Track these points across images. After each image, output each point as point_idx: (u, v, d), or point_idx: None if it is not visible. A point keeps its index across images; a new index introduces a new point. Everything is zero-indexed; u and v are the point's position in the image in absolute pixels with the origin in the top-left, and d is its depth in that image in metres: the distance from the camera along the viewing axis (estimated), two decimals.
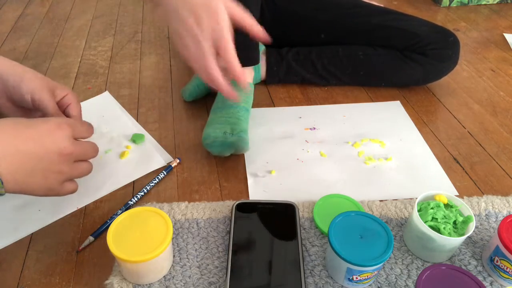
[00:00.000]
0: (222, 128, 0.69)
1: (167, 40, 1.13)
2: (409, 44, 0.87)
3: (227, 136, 0.68)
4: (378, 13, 0.92)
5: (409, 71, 0.89)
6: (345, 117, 0.84)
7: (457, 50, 0.88)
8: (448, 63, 0.89)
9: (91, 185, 0.67)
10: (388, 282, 0.53)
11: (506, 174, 0.71)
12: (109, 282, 0.53)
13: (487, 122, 0.83)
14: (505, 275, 0.52)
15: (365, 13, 0.92)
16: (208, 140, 0.69)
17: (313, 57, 0.90)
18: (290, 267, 0.52)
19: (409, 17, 0.92)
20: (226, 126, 0.70)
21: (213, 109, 0.75)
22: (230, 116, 0.71)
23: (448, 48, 0.87)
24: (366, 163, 0.72)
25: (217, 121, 0.71)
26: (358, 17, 0.91)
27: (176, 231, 0.59)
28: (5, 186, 0.46)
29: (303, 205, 0.63)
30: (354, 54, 0.90)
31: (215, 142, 0.69)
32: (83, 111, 0.64)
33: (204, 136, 0.71)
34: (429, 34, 0.87)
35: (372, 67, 0.90)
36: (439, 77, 0.92)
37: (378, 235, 0.51)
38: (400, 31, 0.88)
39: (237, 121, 0.71)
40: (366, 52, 0.89)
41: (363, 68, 0.90)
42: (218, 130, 0.69)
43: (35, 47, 1.11)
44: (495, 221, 0.61)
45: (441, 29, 0.89)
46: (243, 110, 0.73)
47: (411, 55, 0.87)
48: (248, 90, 0.78)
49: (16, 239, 0.59)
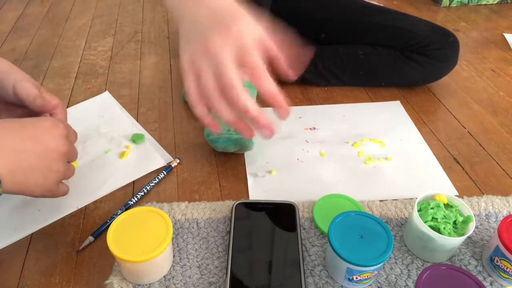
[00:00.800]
0: (225, 126, 0.68)
1: (167, 40, 1.13)
2: (409, 44, 0.87)
3: (232, 133, 0.67)
4: (379, 12, 0.92)
5: (409, 71, 0.89)
6: (345, 117, 0.84)
7: (456, 51, 0.88)
8: (448, 63, 0.89)
9: (91, 185, 0.67)
10: (388, 282, 0.53)
11: (506, 174, 0.71)
12: (109, 282, 0.53)
13: (487, 122, 0.83)
14: (505, 275, 0.52)
15: (365, 12, 0.92)
16: (212, 135, 0.68)
17: (313, 56, 0.90)
18: (290, 267, 0.52)
19: (409, 17, 0.92)
20: None
21: None
22: None
23: (448, 48, 0.87)
24: (366, 163, 0.72)
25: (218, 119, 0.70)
26: (359, 16, 0.91)
27: (176, 231, 0.59)
28: (3, 186, 0.46)
29: (303, 205, 0.63)
30: (354, 53, 0.90)
31: (219, 138, 0.68)
32: (83, 111, 0.64)
33: (206, 130, 0.70)
34: (429, 34, 0.87)
35: (372, 67, 0.90)
36: (438, 78, 0.92)
37: (378, 235, 0.51)
38: (401, 30, 0.88)
39: None
40: (366, 52, 0.89)
41: (363, 68, 0.90)
42: (222, 125, 0.68)
43: (35, 47, 1.11)
44: (495, 221, 0.61)
45: (441, 29, 0.89)
46: None
47: (411, 55, 0.87)
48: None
49: (16, 239, 0.59)
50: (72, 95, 0.91)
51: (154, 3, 1.36)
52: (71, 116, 0.63)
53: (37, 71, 1.00)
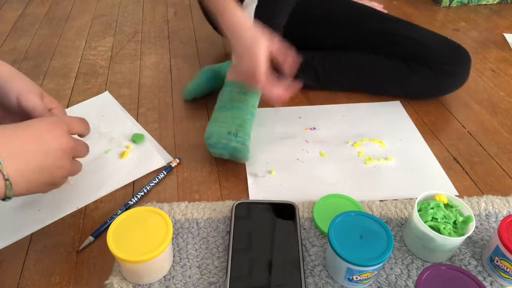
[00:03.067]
0: (227, 128, 0.69)
1: (167, 40, 1.14)
2: (417, 55, 0.83)
3: (231, 138, 0.67)
4: (389, 20, 0.89)
5: (411, 84, 0.85)
6: (345, 117, 0.84)
7: (467, 68, 0.84)
8: (455, 80, 0.85)
9: (91, 185, 0.67)
10: (388, 282, 0.53)
11: (506, 174, 0.71)
12: (109, 282, 0.53)
13: (487, 122, 0.83)
14: (505, 275, 0.52)
15: (375, 19, 0.89)
16: (211, 140, 0.69)
17: (315, 63, 0.89)
18: (290, 267, 0.52)
19: (420, 28, 0.88)
20: (232, 126, 0.69)
21: (218, 107, 0.74)
22: (236, 117, 0.70)
23: (458, 65, 0.83)
24: (366, 163, 0.72)
25: (222, 120, 0.70)
26: (368, 23, 0.89)
27: (176, 231, 0.59)
28: (14, 188, 0.46)
29: (303, 205, 0.63)
30: (357, 61, 0.88)
31: (218, 143, 0.68)
32: (83, 111, 0.64)
33: (207, 133, 0.70)
34: (440, 47, 0.83)
35: (374, 77, 0.88)
36: (442, 94, 0.88)
37: (378, 235, 0.51)
38: (410, 40, 0.84)
39: (243, 123, 0.70)
40: (370, 61, 0.87)
41: (365, 77, 0.88)
42: (223, 128, 0.68)
43: (35, 47, 1.11)
44: (495, 221, 0.61)
45: (453, 43, 0.85)
46: (250, 114, 0.72)
47: (417, 67, 0.84)
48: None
49: (16, 239, 0.59)
50: (72, 95, 0.91)
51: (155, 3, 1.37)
52: None
53: (37, 71, 1.00)
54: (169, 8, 1.33)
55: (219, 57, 0.84)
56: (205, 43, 1.11)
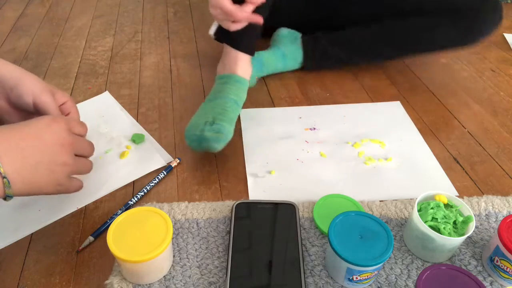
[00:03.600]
0: (204, 118, 0.69)
1: (167, 40, 1.14)
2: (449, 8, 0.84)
3: (205, 128, 0.67)
4: None
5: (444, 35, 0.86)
6: (345, 117, 0.84)
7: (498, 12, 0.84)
8: (488, 25, 0.85)
9: (91, 185, 0.67)
10: (388, 282, 0.53)
11: (506, 174, 0.71)
12: (109, 282, 0.53)
13: (487, 122, 0.83)
14: (505, 275, 0.52)
15: None
16: (187, 132, 0.69)
17: (347, 35, 0.90)
18: (290, 267, 0.52)
19: None
20: (209, 116, 0.70)
21: (204, 102, 0.76)
22: (216, 106, 0.72)
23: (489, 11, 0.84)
24: (366, 163, 0.72)
25: (203, 112, 0.72)
26: None
27: (176, 231, 0.59)
28: (13, 186, 0.46)
29: (303, 205, 0.63)
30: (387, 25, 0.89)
31: (192, 135, 0.68)
32: (83, 111, 0.64)
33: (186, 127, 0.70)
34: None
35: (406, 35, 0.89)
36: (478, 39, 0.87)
37: (378, 235, 0.51)
38: None
39: (223, 111, 0.71)
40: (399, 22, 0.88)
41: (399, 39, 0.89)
42: (201, 119, 0.69)
43: (35, 47, 1.11)
44: (495, 221, 0.61)
45: None
46: (231, 102, 0.74)
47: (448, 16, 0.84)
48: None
49: (16, 239, 0.59)
50: (72, 95, 0.91)
51: (155, 3, 1.37)
52: None
53: (37, 71, 1.00)
54: (169, 8, 1.33)
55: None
56: (205, 43, 1.11)
